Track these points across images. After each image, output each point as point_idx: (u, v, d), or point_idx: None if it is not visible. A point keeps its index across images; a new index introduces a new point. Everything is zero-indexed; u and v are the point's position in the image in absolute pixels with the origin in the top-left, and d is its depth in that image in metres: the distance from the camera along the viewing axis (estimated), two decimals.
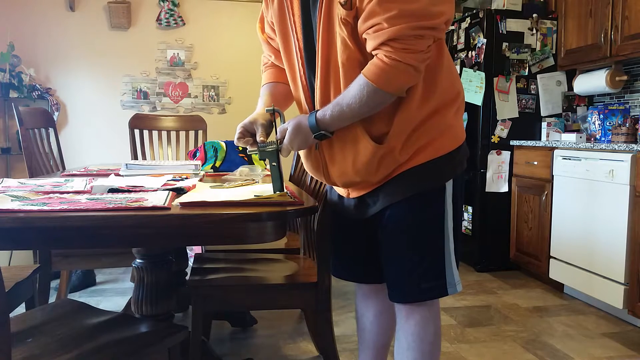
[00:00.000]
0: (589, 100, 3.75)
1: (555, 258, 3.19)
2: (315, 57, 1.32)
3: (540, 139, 3.65)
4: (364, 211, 1.43)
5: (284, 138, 1.34)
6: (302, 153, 1.48)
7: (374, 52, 1.21)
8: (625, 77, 3.29)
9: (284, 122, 1.37)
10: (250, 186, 1.66)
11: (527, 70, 3.64)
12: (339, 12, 1.22)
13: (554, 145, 3.20)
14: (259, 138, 1.38)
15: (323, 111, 1.29)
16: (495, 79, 3.58)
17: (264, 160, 1.40)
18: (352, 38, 1.23)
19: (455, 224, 1.39)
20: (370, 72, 1.21)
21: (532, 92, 3.66)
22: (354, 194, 1.44)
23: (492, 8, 3.71)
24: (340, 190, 1.49)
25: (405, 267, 1.37)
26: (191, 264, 2.24)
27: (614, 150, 2.71)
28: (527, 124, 3.67)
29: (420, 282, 1.36)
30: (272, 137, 1.41)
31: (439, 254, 1.36)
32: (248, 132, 1.41)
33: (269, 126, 1.41)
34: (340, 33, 1.24)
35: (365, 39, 1.21)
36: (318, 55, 1.30)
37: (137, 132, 3.18)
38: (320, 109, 1.30)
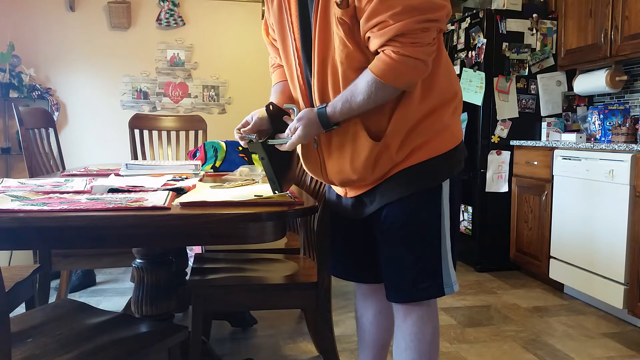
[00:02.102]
0: (589, 100, 3.75)
1: (555, 258, 3.19)
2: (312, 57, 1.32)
3: (540, 139, 3.65)
4: (361, 211, 1.43)
5: (290, 136, 1.34)
6: (300, 151, 1.48)
7: (380, 50, 1.21)
8: (625, 77, 3.29)
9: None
10: (250, 186, 1.66)
11: (527, 70, 3.64)
12: (335, 11, 1.22)
13: (554, 145, 3.20)
14: (243, 130, 1.39)
15: (332, 107, 1.29)
16: (495, 79, 3.58)
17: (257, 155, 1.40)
18: (349, 37, 1.23)
19: (452, 224, 1.39)
20: (378, 69, 1.21)
21: (532, 92, 3.66)
22: (351, 193, 1.44)
23: (492, 8, 3.71)
24: (338, 190, 1.49)
25: (401, 267, 1.37)
26: (191, 264, 2.24)
27: (614, 150, 2.71)
28: (527, 124, 3.67)
29: (417, 282, 1.36)
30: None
31: (435, 254, 1.36)
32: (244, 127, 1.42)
33: (261, 122, 1.41)
34: (337, 32, 1.24)
35: (369, 37, 1.21)
36: (314, 55, 1.31)
37: (137, 132, 3.18)
38: (328, 105, 1.30)
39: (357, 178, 1.36)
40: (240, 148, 2.31)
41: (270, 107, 1.41)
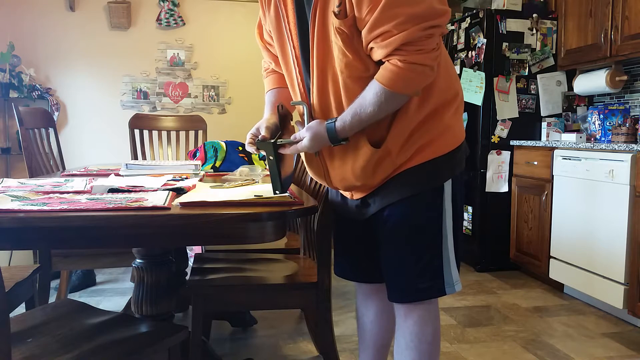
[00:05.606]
0: (589, 100, 3.75)
1: (555, 258, 3.19)
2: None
3: (540, 139, 3.65)
4: (364, 211, 1.43)
5: (297, 142, 1.34)
6: (304, 158, 1.48)
7: (385, 59, 1.20)
8: (625, 77, 3.29)
9: (311, 115, 1.36)
10: (250, 186, 1.66)
11: (527, 70, 3.64)
12: (333, 21, 1.21)
13: (554, 145, 3.20)
14: (261, 136, 1.38)
15: (342, 121, 1.27)
16: (495, 79, 3.58)
17: (263, 158, 1.40)
18: (348, 46, 1.22)
19: (455, 224, 1.39)
20: (385, 78, 1.20)
21: (532, 92, 3.66)
22: (357, 196, 1.44)
23: (492, 8, 3.71)
24: (344, 192, 1.49)
25: (403, 267, 1.38)
26: (191, 264, 2.24)
27: (614, 150, 2.71)
28: (527, 124, 3.67)
29: (418, 282, 1.36)
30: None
31: (436, 253, 1.36)
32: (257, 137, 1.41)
33: (275, 130, 1.40)
34: (336, 42, 1.23)
35: (372, 47, 1.20)
36: (312, 64, 1.30)
37: (137, 132, 3.18)
38: (337, 120, 1.28)
39: (360, 184, 1.36)
40: (241, 148, 2.31)
41: (281, 107, 1.41)
